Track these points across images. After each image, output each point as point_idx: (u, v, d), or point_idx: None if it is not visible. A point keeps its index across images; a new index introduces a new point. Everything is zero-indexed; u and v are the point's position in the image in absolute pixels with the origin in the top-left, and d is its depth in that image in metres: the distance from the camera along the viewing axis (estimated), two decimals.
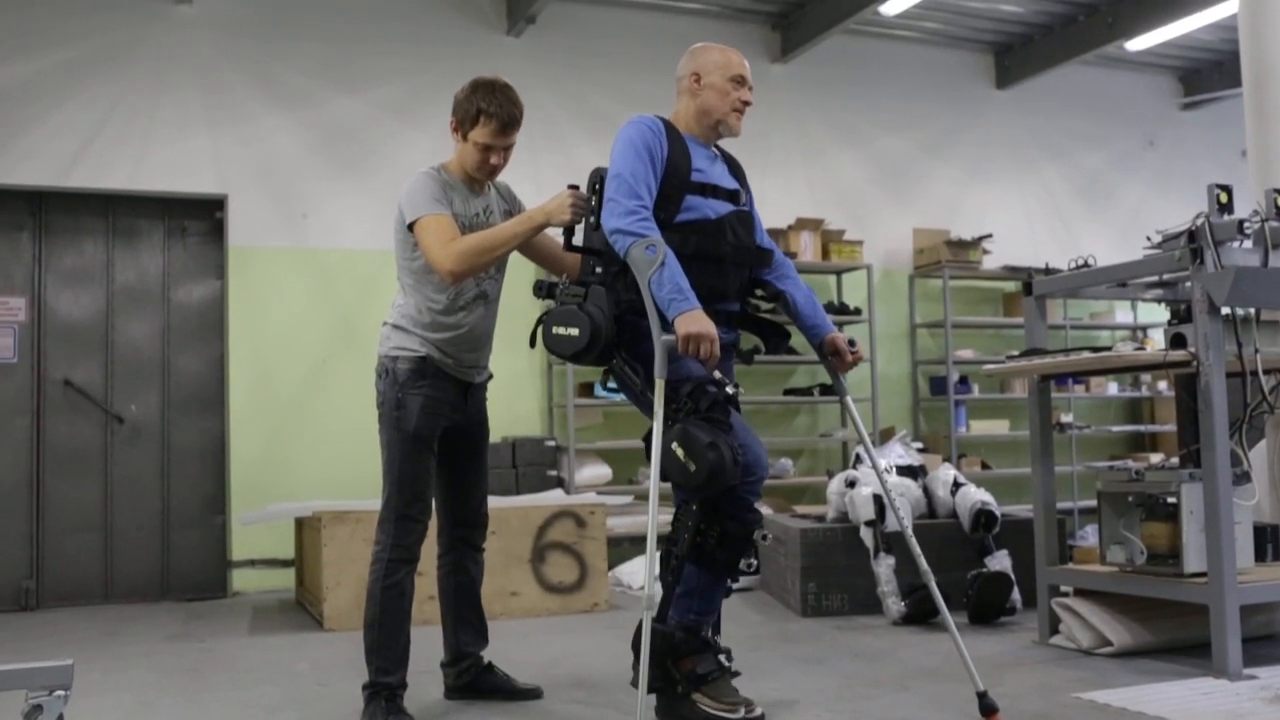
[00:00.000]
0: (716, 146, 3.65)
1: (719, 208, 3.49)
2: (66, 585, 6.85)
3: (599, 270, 3.42)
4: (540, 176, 7.80)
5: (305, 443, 7.31)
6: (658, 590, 3.22)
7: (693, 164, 3.46)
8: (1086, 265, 4.75)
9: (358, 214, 7.58)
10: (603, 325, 3.28)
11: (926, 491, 5.86)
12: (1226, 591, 3.93)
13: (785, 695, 3.82)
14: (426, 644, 4.12)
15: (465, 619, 4.01)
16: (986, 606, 5.21)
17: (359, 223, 7.58)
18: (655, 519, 3.16)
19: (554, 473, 7.42)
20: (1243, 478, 4.25)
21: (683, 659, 3.29)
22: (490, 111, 3.66)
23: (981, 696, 3.34)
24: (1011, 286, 9.12)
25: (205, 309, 7.36)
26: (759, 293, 3.68)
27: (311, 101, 7.55)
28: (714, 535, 3.27)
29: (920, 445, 7.43)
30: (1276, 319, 4.57)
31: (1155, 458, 8.73)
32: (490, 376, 4.01)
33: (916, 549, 3.56)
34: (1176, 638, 4.45)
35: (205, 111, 7.30)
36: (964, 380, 8.85)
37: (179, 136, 7.22)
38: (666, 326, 3.22)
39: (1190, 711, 3.49)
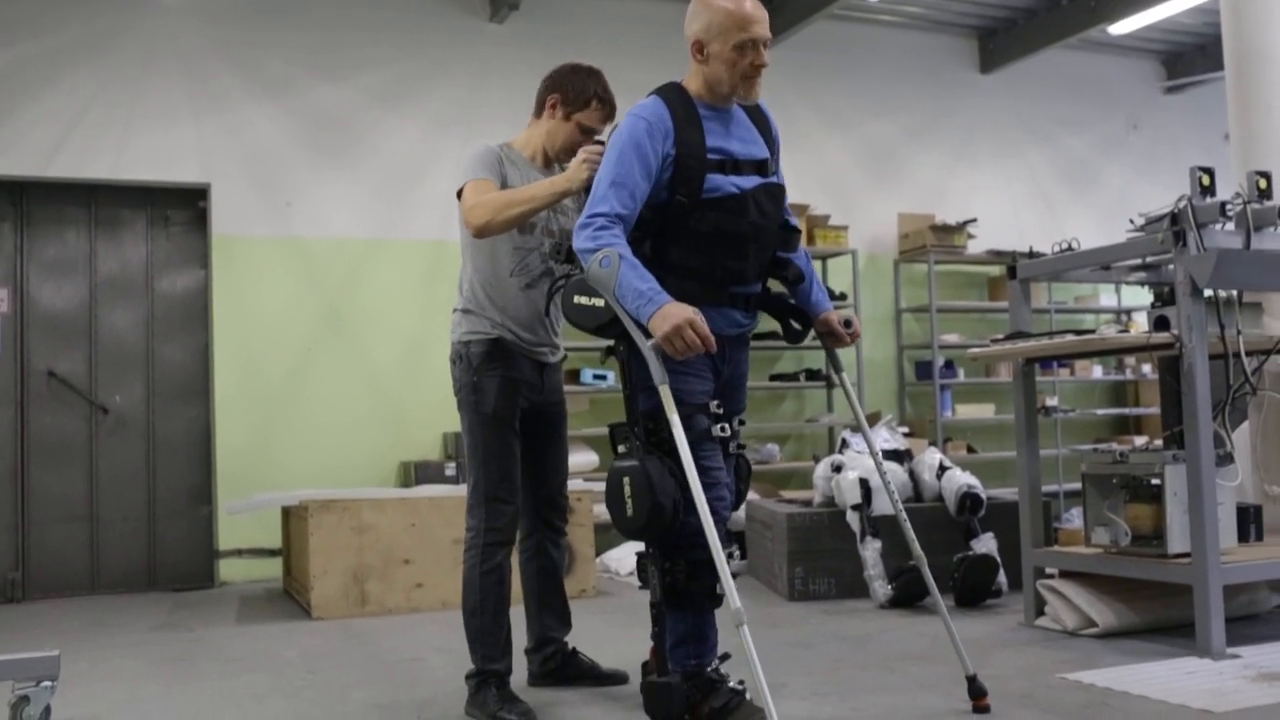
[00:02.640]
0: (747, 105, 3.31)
1: (743, 182, 3.20)
2: (52, 577, 6.84)
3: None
4: None
5: (291, 431, 7.30)
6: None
7: (707, 141, 3.17)
8: (1070, 249, 4.77)
9: (342, 202, 7.57)
10: None
11: (912, 475, 5.88)
12: (1210, 571, 3.96)
13: (773, 679, 3.82)
14: None
15: (549, 604, 3.94)
16: (972, 589, 5.23)
17: (344, 211, 7.57)
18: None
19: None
20: (1226, 459, 4.27)
21: (697, 706, 3.12)
22: (604, 99, 3.72)
23: (971, 680, 3.34)
24: (996, 270, 9.15)
25: (189, 298, 7.33)
26: (785, 274, 3.39)
27: (295, 89, 7.52)
28: (681, 569, 3.10)
29: (906, 429, 7.45)
30: (1258, 301, 4.59)
31: (1140, 440, 8.77)
32: (564, 356, 3.93)
33: (910, 532, 3.53)
34: (1161, 618, 4.48)
35: (188, 100, 7.26)
36: (949, 364, 8.88)
37: (162, 125, 7.19)
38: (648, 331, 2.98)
39: (1174, 691, 3.51)
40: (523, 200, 3.48)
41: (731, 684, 3.16)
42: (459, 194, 3.59)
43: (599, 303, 3.05)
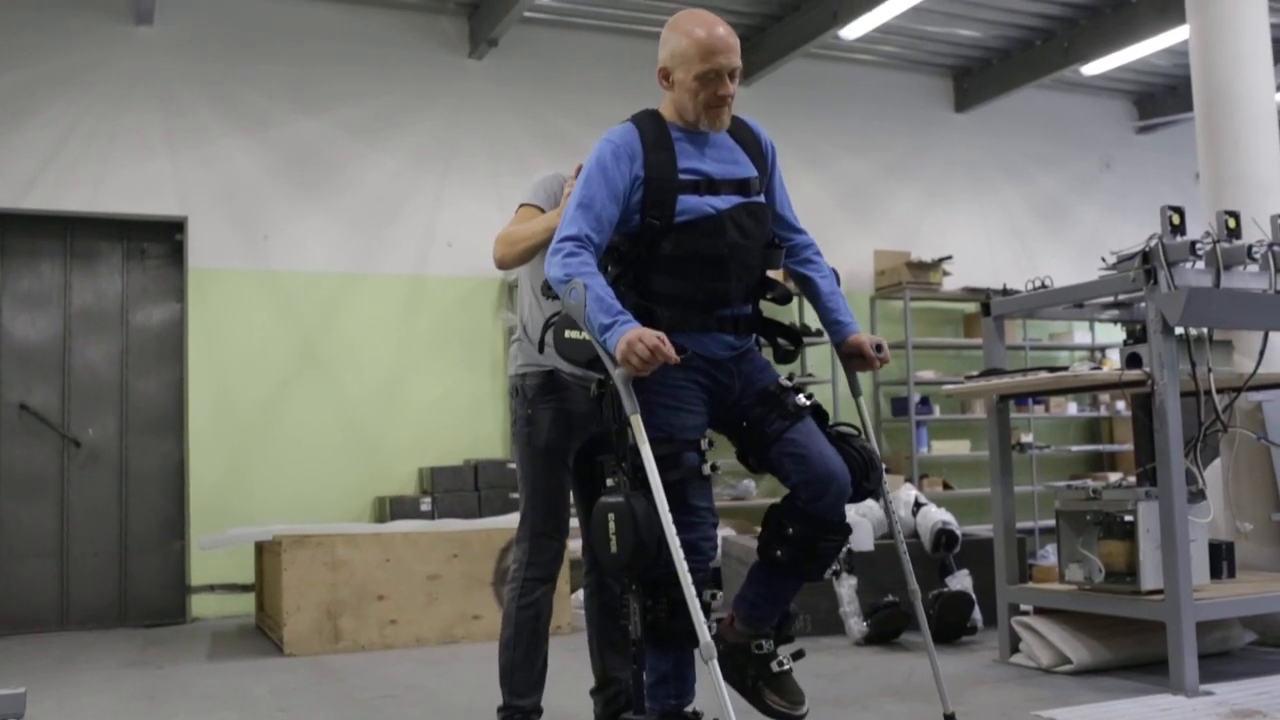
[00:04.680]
0: (735, 121, 3.24)
1: (720, 203, 3.11)
2: (21, 612, 6.75)
3: (608, 269, 3.10)
4: (502, 198, 7.80)
5: (266, 466, 7.25)
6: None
7: (680, 162, 3.10)
8: (1044, 286, 4.80)
9: (320, 236, 7.56)
10: None
11: (887, 512, 5.87)
12: (1183, 608, 3.97)
13: (746, 717, 3.81)
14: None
15: (611, 641, 3.79)
16: (948, 625, 5.23)
17: (321, 245, 7.56)
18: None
19: (516, 495, 7.39)
20: (1198, 496, 4.30)
21: None
22: None
23: (949, 719, 3.32)
24: (972, 307, 9.20)
25: (165, 332, 7.30)
26: (773, 295, 3.30)
27: (273, 123, 7.53)
28: (663, 608, 3.01)
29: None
30: (1228, 339, 4.64)
31: (1114, 477, 8.80)
32: None
33: (908, 564, 3.50)
34: (1135, 655, 4.49)
35: (166, 133, 7.26)
36: (925, 401, 8.91)
37: (139, 158, 7.18)
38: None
39: None
40: (526, 236, 3.48)
41: None
42: None
43: (589, 336, 2.98)
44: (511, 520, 6.42)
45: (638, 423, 2.90)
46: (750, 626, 3.28)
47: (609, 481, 3.14)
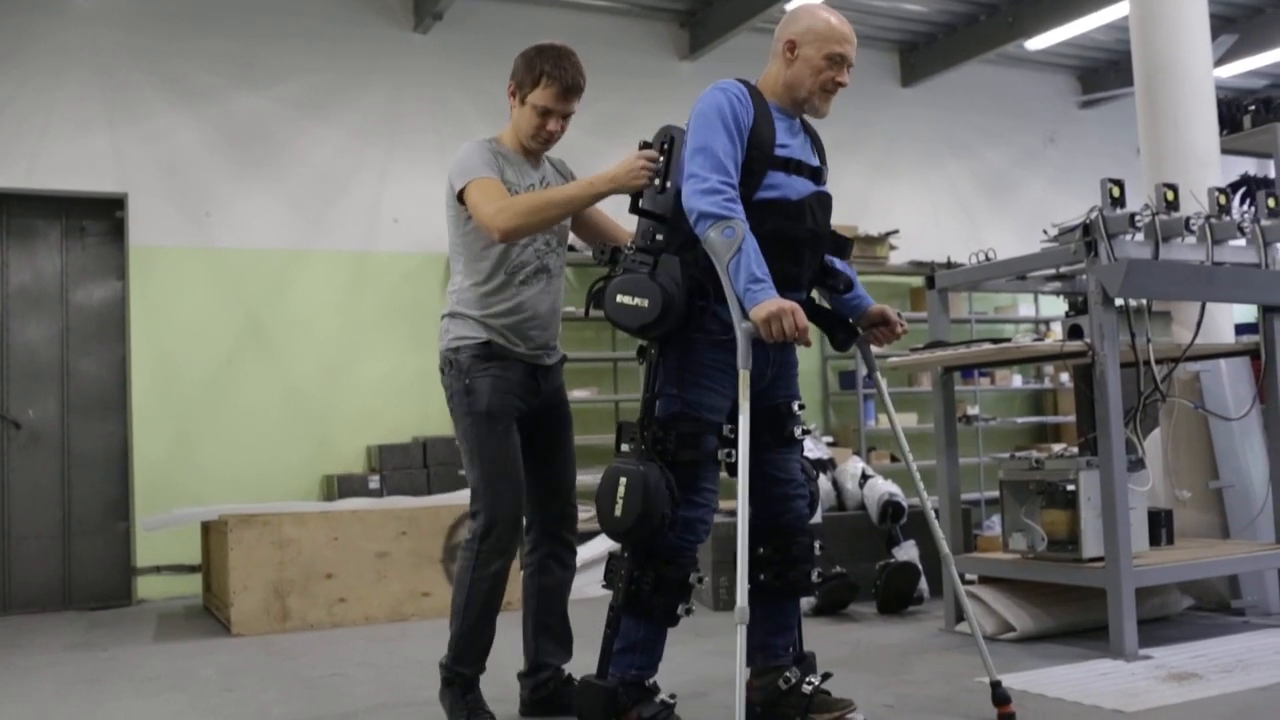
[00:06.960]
0: (801, 118, 3.39)
1: (801, 187, 3.27)
2: None
3: (659, 237, 3.16)
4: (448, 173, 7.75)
5: (211, 445, 7.18)
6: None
7: (776, 137, 3.21)
8: (988, 259, 4.85)
9: (263, 213, 7.47)
10: (676, 298, 3.03)
11: (835, 485, 5.93)
12: (1122, 575, 4.04)
13: (696, 687, 3.85)
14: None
15: (547, 626, 3.70)
16: (895, 596, 5.29)
17: (265, 221, 7.47)
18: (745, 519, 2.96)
19: (465, 472, 7.38)
20: (1137, 464, 4.36)
21: (625, 711, 3.11)
22: (553, 74, 3.54)
23: (995, 686, 3.32)
24: (918, 281, 9.26)
25: (106, 310, 7.19)
26: (830, 282, 3.44)
27: (215, 98, 7.42)
28: (649, 581, 3.09)
29: (830, 439, 7.53)
30: (1167, 310, 4.71)
31: (1058, 447, 8.92)
32: (563, 358, 3.71)
33: (939, 532, 3.55)
34: (1076, 621, 4.57)
35: (104, 108, 7.13)
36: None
37: (77, 134, 7.05)
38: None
39: (1088, 692, 3.59)
40: (560, 202, 3.36)
41: (663, 696, 3.17)
42: (460, 195, 3.44)
43: (643, 302, 3.04)
44: (460, 497, 6.42)
45: (745, 377, 3.00)
46: (771, 666, 3.34)
47: (624, 447, 3.20)
